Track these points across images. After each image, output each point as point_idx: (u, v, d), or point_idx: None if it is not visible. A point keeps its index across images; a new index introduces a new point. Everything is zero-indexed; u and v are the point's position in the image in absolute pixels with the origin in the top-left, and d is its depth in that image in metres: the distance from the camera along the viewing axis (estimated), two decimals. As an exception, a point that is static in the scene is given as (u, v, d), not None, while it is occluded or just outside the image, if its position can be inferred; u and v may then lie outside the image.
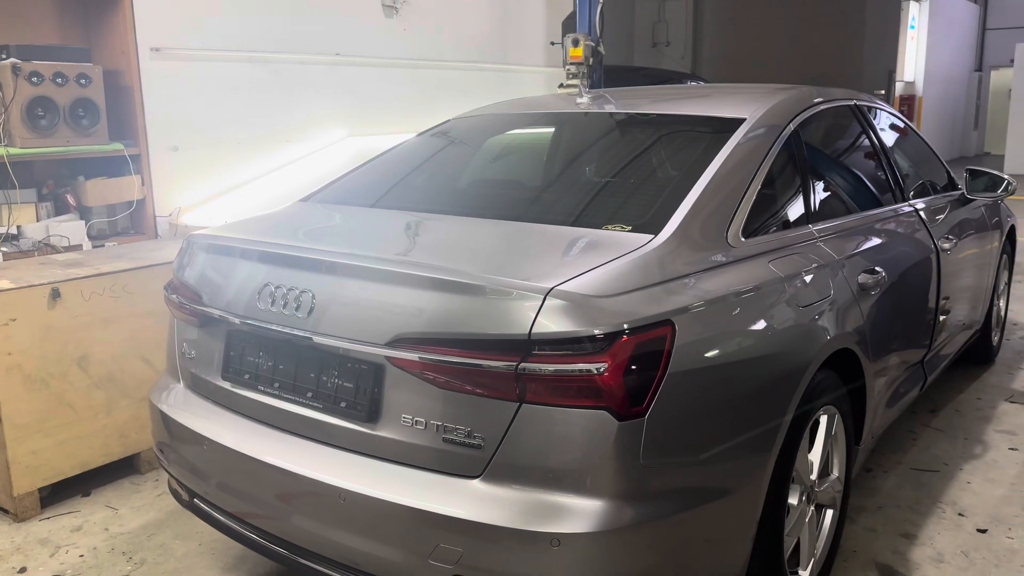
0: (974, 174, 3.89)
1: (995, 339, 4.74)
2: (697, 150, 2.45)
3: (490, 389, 1.69)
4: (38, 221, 4.04)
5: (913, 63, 17.13)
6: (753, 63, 17.63)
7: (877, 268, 2.65)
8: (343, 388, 1.91)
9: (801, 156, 2.61)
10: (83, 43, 4.29)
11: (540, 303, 1.67)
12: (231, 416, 2.19)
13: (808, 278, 2.28)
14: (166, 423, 2.34)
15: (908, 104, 16.77)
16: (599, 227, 2.11)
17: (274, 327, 2.00)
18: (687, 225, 2.05)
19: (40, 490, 3.08)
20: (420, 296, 1.79)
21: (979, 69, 20.74)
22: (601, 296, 1.73)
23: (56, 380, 3.05)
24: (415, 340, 1.76)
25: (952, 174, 4.03)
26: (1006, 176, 3.87)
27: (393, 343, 1.79)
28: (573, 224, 2.19)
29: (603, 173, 2.62)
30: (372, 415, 1.85)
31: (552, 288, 1.69)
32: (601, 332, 1.66)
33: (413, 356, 1.75)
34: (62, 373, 3.06)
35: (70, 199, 4.18)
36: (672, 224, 2.03)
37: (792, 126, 2.61)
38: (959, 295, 3.63)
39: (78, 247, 4.03)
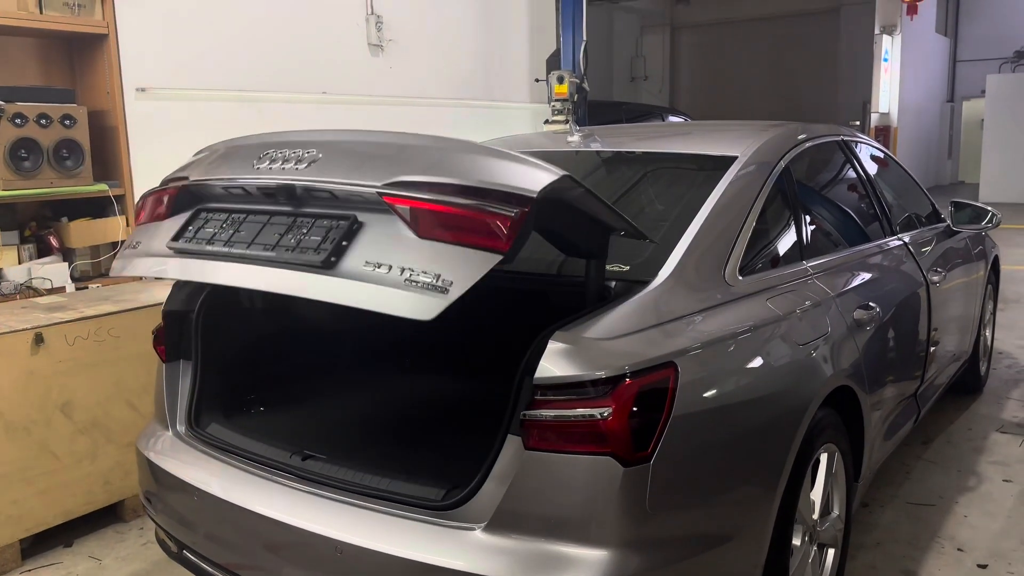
0: (959, 206, 3.93)
1: (983, 368, 4.77)
2: (690, 188, 2.46)
3: (479, 236, 1.57)
4: (20, 264, 3.97)
5: (888, 94, 17.45)
6: (729, 95, 17.93)
7: (871, 303, 2.65)
8: (309, 240, 1.75)
9: (792, 193, 2.62)
10: (68, 84, 4.27)
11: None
12: (220, 465, 2.14)
13: (805, 316, 2.27)
14: (153, 471, 2.28)
15: (884, 134, 17.04)
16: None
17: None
18: (685, 265, 2.04)
19: (21, 541, 2.99)
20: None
21: (951, 100, 21.16)
22: (603, 339, 1.71)
23: (39, 427, 2.97)
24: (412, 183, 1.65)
25: (936, 206, 4.07)
26: (990, 208, 3.92)
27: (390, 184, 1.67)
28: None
29: None
30: (330, 262, 1.68)
31: (551, 332, 1.68)
32: (604, 375, 1.64)
33: (408, 193, 1.63)
34: (45, 420, 2.99)
35: (53, 241, 4.12)
36: (670, 264, 2.03)
37: (783, 163, 2.62)
38: (948, 326, 3.65)
39: (61, 289, 3.97)
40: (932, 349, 3.38)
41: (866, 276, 2.80)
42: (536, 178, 1.61)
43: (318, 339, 2.77)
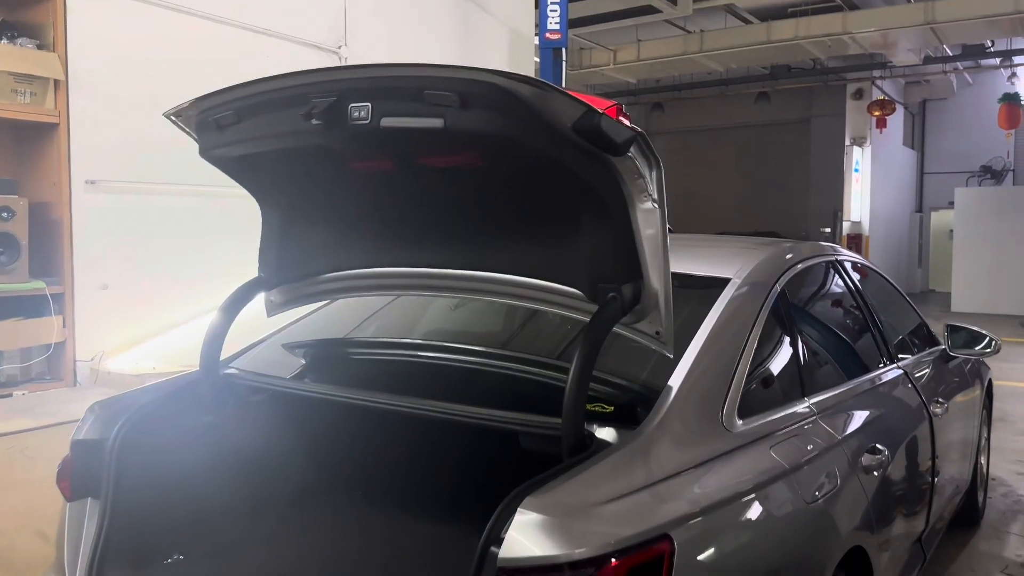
0: (954, 330, 3.73)
1: (980, 498, 4.47)
2: (680, 316, 2.21)
3: None
4: (-62, 366, 3.62)
5: (859, 204, 17.73)
6: (702, 201, 18.15)
7: (878, 446, 2.38)
8: None
9: (789, 319, 2.38)
10: (12, 174, 4.02)
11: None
12: None
13: (813, 467, 1.99)
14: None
15: (856, 243, 17.22)
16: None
17: None
18: (678, 407, 1.76)
19: None
20: None
21: (919, 210, 21.59)
22: (583, 506, 1.41)
23: (-75, 566, 2.57)
24: None
25: (929, 327, 3.87)
26: (987, 333, 3.71)
27: None
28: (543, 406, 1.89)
29: (567, 348, 2.36)
30: None
31: (520, 496, 1.38)
32: (586, 555, 1.33)
33: None
34: (-66, 556, 2.59)
35: (-21, 341, 3.78)
36: (660, 408, 1.74)
37: (778, 287, 2.39)
38: (950, 459, 3.38)
39: (-18, 396, 3.61)
40: (936, 486, 3.10)
41: (870, 413, 2.54)
42: None
43: (253, 473, 2.43)
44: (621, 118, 1.69)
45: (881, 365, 2.94)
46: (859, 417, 2.44)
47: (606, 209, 1.73)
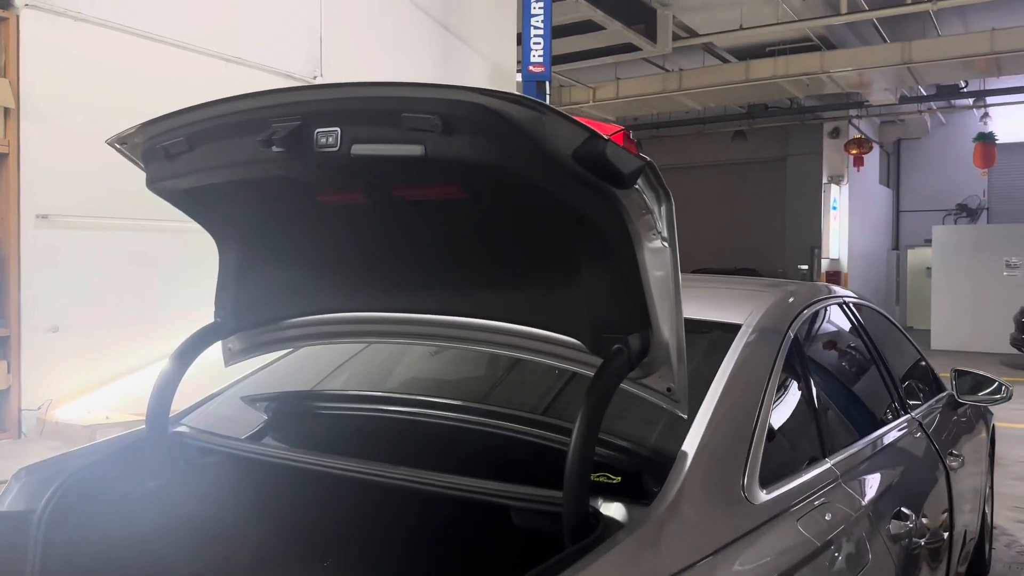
0: (961, 375, 3.54)
1: (987, 549, 4.25)
2: (687, 367, 1.98)
3: None
4: None
5: (838, 241, 17.79)
6: (681, 238, 18.08)
7: (904, 510, 2.15)
8: None
9: (804, 369, 2.16)
10: (-43, 207, 3.74)
11: None
12: None
13: (842, 542, 1.75)
14: None
15: (835, 279, 17.21)
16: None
17: None
18: (695, 479, 1.52)
19: None
20: None
21: (896, 248, 21.73)
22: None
23: None
24: None
25: (934, 370, 3.68)
26: (996, 378, 3.52)
27: None
28: (537, 474, 1.64)
29: (564, 401, 2.13)
30: None
31: None
32: None
33: None
34: None
35: (-86, 389, 3.47)
36: (676, 479, 1.50)
37: (791, 333, 2.17)
38: (964, 514, 3.16)
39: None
40: (953, 543, 2.88)
41: (891, 473, 2.31)
42: None
43: (204, 547, 2.15)
44: (628, 145, 1.48)
45: (895, 416, 2.72)
46: (882, 478, 2.22)
47: (609, 248, 1.51)
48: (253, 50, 4.72)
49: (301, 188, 1.70)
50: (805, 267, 17.90)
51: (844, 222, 17.75)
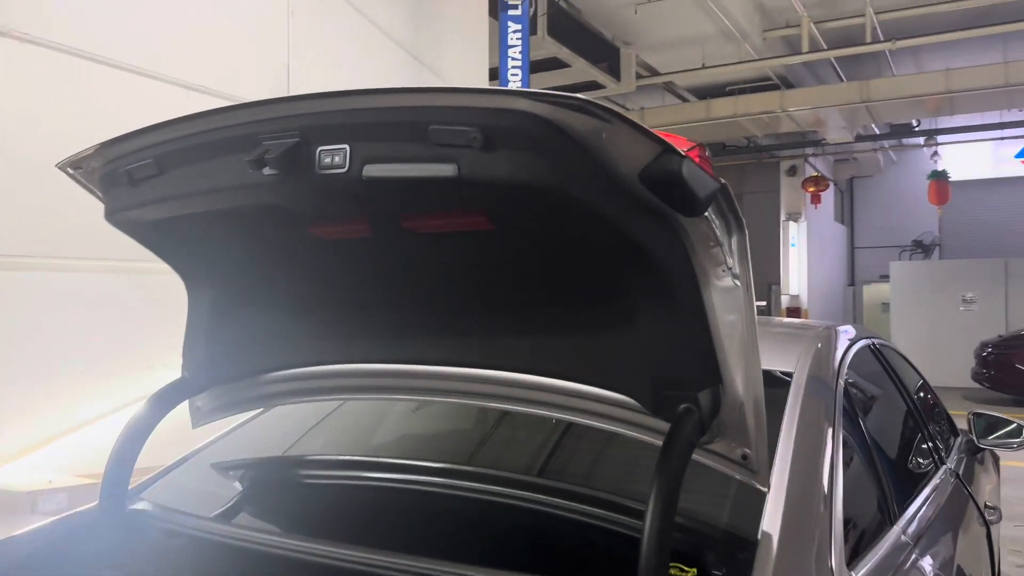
0: (978, 417, 3.36)
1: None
2: None
3: None
4: None
5: (797, 277, 17.93)
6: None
7: (965, 571, 1.92)
8: None
9: (858, 423, 1.92)
10: None
11: None
12: None
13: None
14: None
15: (796, 315, 17.28)
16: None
17: None
18: (784, 566, 1.26)
19: None
20: None
21: (852, 284, 22.01)
22: None
23: None
24: None
25: (946, 411, 3.50)
26: (1015, 420, 3.34)
27: None
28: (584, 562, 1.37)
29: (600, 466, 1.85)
30: None
31: None
32: None
33: None
34: None
35: None
36: (764, 568, 1.24)
37: (842, 381, 1.94)
38: (996, 564, 2.96)
39: None
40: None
41: (948, 533, 2.09)
42: None
43: None
44: (703, 163, 1.23)
45: (936, 466, 2.51)
46: (942, 544, 1.99)
47: (670, 288, 1.26)
48: (216, 78, 4.42)
49: (293, 218, 1.42)
50: (763, 303, 17.97)
51: (803, 259, 17.91)
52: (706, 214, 1.19)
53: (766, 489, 1.32)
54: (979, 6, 10.47)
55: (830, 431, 1.67)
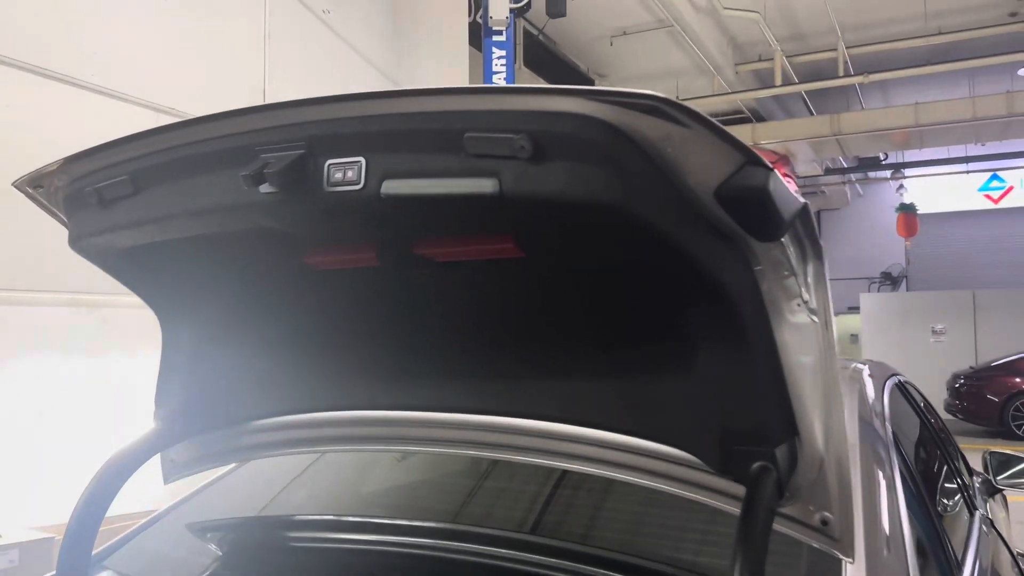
0: (995, 456, 3.23)
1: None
2: None
3: None
4: None
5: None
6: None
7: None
8: None
9: (912, 474, 1.75)
10: None
11: None
12: None
13: None
14: None
15: (768, 348, 17.36)
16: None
17: None
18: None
19: None
20: None
21: (821, 315, 22.21)
22: None
23: None
24: None
25: (960, 448, 3.36)
26: (1029, 457, 3.21)
27: None
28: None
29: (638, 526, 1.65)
30: None
31: None
32: None
33: None
34: None
35: None
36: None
37: (890, 428, 1.77)
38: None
39: None
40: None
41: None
42: None
43: None
44: (788, 178, 1.06)
45: (970, 513, 2.35)
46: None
47: (736, 324, 1.08)
48: (190, 100, 4.21)
49: (290, 244, 1.22)
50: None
51: (775, 291, 18.00)
52: (782, 240, 1.02)
53: (851, 560, 1.13)
54: (947, 42, 10.65)
55: (897, 484, 1.49)
